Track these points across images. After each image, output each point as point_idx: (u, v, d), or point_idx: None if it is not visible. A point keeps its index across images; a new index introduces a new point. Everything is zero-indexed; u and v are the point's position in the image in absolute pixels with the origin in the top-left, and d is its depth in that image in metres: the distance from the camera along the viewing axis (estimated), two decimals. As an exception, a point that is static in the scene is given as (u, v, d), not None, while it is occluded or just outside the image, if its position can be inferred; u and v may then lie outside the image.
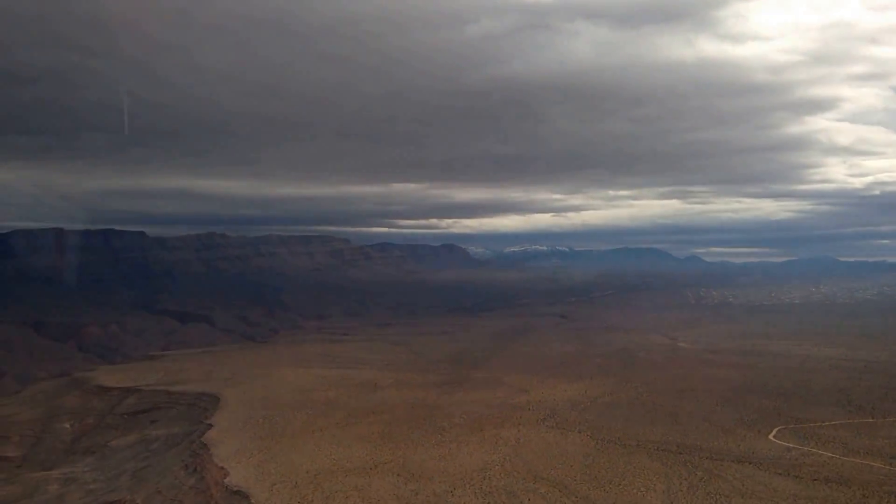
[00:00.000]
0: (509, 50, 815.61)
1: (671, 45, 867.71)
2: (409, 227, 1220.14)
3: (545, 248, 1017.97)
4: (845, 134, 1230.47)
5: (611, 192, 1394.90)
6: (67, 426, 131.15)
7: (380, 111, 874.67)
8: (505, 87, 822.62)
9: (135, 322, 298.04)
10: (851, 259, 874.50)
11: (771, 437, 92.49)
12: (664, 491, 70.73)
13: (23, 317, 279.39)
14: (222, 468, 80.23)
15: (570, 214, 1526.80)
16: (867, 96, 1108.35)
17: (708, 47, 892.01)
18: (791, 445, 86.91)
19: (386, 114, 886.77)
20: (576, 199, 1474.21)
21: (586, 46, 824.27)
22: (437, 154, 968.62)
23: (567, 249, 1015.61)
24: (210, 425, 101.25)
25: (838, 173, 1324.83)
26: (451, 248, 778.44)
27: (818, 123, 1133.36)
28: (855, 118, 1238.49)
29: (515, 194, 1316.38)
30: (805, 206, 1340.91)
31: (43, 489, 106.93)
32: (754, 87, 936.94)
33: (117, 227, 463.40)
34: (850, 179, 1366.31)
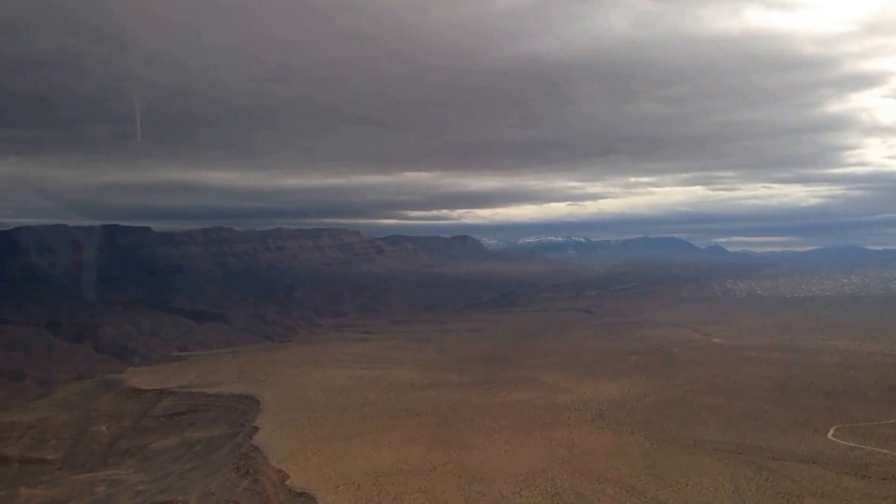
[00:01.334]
0: (538, 25, 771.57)
1: (716, 15, 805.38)
2: (420, 219, 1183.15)
3: (561, 238, 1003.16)
4: (889, 112, 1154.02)
5: (631, 179, 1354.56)
6: (104, 429, 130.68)
7: (394, 94, 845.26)
8: (530, 65, 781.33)
9: (150, 322, 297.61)
10: (880, 247, 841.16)
11: (830, 436, 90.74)
12: (733, 491, 69.24)
13: (34, 317, 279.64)
14: (280, 470, 79.14)
15: (587, 203, 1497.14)
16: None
17: (754, 17, 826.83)
18: (853, 445, 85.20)
19: (401, 97, 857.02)
20: (594, 187, 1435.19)
21: (624, 18, 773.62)
22: (452, 140, 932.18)
23: (584, 240, 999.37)
24: (256, 428, 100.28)
25: (876, 155, 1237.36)
26: (464, 240, 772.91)
27: (863, 101, 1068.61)
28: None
29: (532, 182, 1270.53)
30: (836, 191, 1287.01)
31: (90, 491, 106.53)
32: (799, 61, 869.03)
33: (122, 223, 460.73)
34: (889, 161, 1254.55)
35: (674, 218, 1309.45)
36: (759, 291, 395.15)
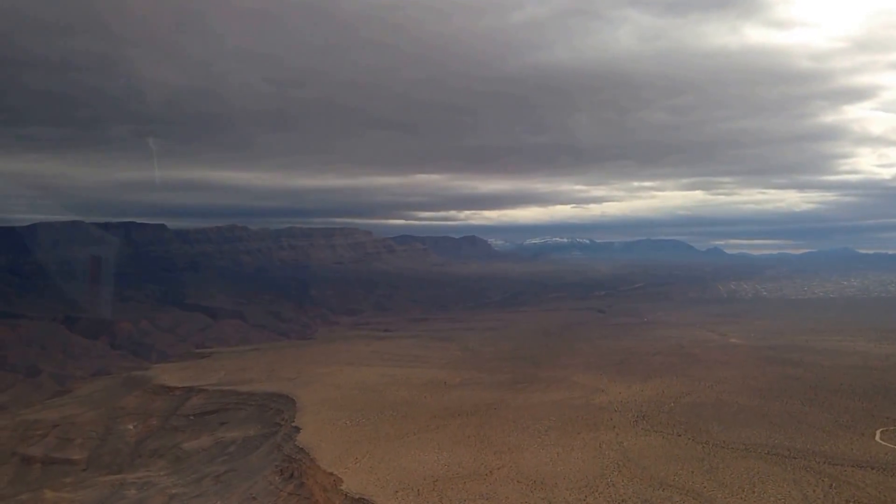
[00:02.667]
0: (552, 36, 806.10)
1: (716, 32, 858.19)
2: (428, 219, 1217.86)
3: (566, 240, 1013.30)
4: (879, 123, 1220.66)
5: (635, 184, 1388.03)
6: (131, 427, 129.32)
7: (412, 98, 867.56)
8: (544, 74, 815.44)
9: (166, 318, 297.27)
10: (871, 251, 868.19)
11: (877, 439, 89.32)
12: (801, 499, 67.69)
13: (50, 312, 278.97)
14: (331, 474, 77.62)
15: (591, 206, 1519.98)
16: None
17: (753, 34, 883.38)
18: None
19: (419, 102, 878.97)
20: (599, 191, 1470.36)
21: (631, 33, 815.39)
22: (465, 144, 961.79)
23: (588, 241, 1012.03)
24: (297, 428, 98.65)
25: (867, 164, 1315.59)
26: (472, 241, 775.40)
27: (855, 113, 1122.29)
28: (890, 107, 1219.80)
29: (538, 186, 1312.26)
30: (829, 197, 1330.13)
31: (119, 494, 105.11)
32: (795, 74, 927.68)
33: (138, 220, 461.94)
34: (878, 170, 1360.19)
35: (674, 221, 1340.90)
36: (764, 293, 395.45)
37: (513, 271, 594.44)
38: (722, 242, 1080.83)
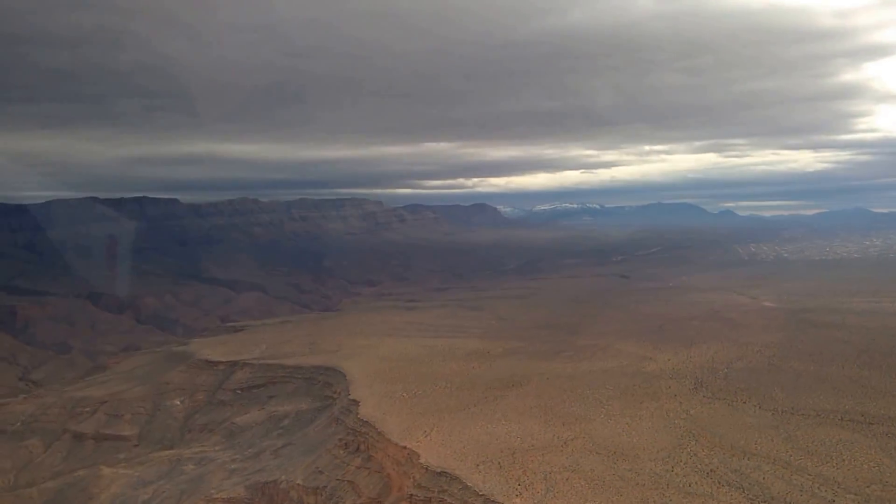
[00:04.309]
0: (566, 0, 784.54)
1: None
2: (436, 188, 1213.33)
3: (575, 205, 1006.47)
4: None
5: (646, 147, 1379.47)
6: (178, 403, 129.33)
7: (423, 68, 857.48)
8: (557, 39, 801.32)
9: (188, 292, 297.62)
10: (885, 210, 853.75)
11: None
12: None
13: (72, 289, 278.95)
14: (404, 447, 76.95)
15: (600, 171, 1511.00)
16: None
17: None
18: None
19: (429, 71, 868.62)
20: (609, 155, 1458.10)
21: None
22: (474, 111, 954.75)
23: (598, 207, 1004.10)
24: (355, 401, 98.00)
25: (885, 122, 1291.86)
26: (482, 208, 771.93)
27: (876, 70, 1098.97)
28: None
29: (548, 151, 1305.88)
30: (843, 156, 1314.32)
31: (178, 469, 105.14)
32: (818, 32, 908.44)
33: (150, 195, 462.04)
34: None
35: (683, 184, 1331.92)
36: (785, 255, 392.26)
37: (525, 238, 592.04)
38: (732, 205, 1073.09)
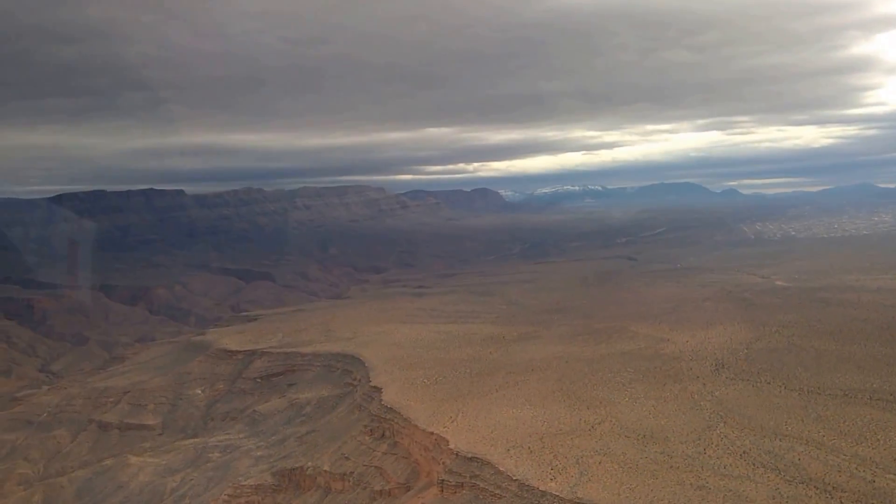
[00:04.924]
0: None
1: None
2: (437, 173, 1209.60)
3: (577, 187, 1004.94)
4: None
5: (649, 127, 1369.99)
6: (199, 392, 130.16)
7: (429, 50, 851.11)
8: (566, 17, 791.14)
9: (198, 282, 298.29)
10: (891, 185, 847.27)
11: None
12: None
13: (83, 281, 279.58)
14: (432, 433, 77.34)
15: (602, 152, 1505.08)
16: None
17: None
18: None
19: (434, 53, 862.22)
20: (611, 136, 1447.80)
21: None
22: (477, 94, 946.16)
23: (600, 188, 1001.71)
24: (376, 388, 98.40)
25: (894, 95, 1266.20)
26: (484, 193, 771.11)
27: (887, 41, 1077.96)
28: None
29: (549, 133, 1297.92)
30: (850, 131, 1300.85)
31: (204, 457, 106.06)
32: (829, 4, 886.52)
33: (157, 187, 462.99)
34: None
35: (686, 163, 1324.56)
36: (793, 233, 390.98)
37: (527, 222, 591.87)
38: (735, 183, 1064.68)
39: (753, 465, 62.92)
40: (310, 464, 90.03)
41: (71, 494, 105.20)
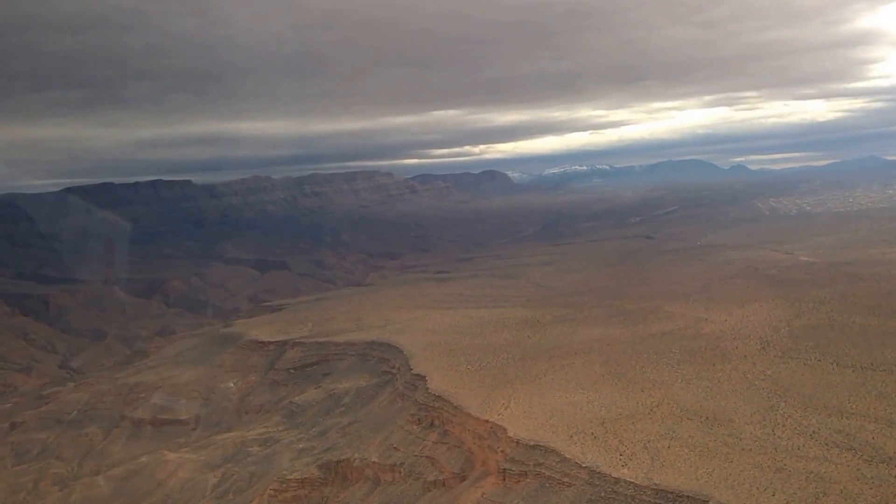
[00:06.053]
0: None
1: None
2: (444, 156, 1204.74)
3: (585, 167, 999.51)
4: None
5: (655, 105, 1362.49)
6: (231, 385, 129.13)
7: (434, 33, 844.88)
8: None
9: (213, 273, 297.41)
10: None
11: None
12: None
13: (96, 275, 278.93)
14: (486, 421, 76.04)
15: (608, 131, 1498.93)
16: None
17: None
18: None
19: (440, 36, 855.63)
20: (617, 115, 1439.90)
21: None
22: (483, 76, 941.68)
23: (608, 167, 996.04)
24: (419, 375, 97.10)
25: None
26: (492, 175, 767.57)
27: (893, 13, 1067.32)
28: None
29: (556, 113, 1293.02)
30: (856, 104, 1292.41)
31: (243, 451, 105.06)
32: None
33: (164, 178, 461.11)
34: None
35: (693, 140, 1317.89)
36: (808, 207, 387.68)
37: (537, 203, 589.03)
38: (743, 159, 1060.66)
39: (827, 445, 61.41)
40: (356, 455, 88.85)
41: (109, 493, 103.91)
